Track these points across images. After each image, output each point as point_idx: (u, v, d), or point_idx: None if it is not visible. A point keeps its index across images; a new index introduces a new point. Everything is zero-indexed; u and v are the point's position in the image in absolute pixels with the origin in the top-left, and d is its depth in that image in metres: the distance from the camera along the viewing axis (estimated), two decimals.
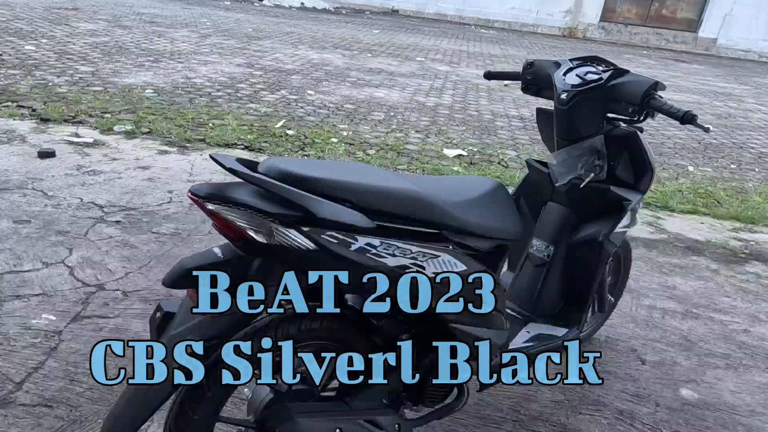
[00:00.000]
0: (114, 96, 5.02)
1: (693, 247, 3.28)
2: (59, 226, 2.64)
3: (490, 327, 1.37)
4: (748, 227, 3.74)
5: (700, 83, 9.92)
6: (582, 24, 15.42)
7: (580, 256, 1.69)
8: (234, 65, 6.95)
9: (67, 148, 3.71)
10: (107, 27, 8.71)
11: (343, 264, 1.05)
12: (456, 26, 15.66)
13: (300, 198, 0.97)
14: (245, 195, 0.98)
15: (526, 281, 1.80)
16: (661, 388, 2.00)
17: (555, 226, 1.74)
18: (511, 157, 4.64)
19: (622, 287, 2.18)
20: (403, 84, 7.03)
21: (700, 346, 2.28)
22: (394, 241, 1.09)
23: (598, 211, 1.68)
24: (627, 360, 2.13)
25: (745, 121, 7.09)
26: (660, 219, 3.69)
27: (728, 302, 2.67)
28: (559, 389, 1.93)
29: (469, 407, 1.78)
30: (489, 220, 1.31)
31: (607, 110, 1.55)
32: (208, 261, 1.01)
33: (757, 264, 3.15)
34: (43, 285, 2.17)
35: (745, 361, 2.22)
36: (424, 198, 1.14)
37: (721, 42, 14.89)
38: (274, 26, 11.17)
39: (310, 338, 1.18)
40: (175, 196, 3.15)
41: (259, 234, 0.98)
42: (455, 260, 1.19)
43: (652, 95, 1.42)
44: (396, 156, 4.31)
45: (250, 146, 4.16)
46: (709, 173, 4.82)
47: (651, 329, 2.36)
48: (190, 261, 1.00)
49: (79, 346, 1.84)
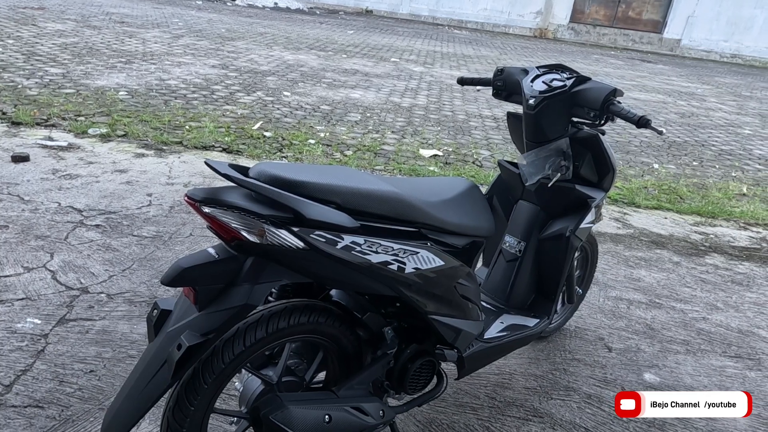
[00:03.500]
0: (87, 98, 4.97)
1: (657, 241, 3.46)
2: (38, 231, 2.64)
3: (466, 318, 1.46)
4: (708, 221, 3.94)
5: (664, 83, 10.28)
6: (552, 25, 15.75)
7: (549, 250, 1.80)
8: (208, 66, 6.92)
9: (41, 152, 3.68)
10: (76, 27, 8.56)
11: (330, 261, 1.13)
12: (429, 27, 15.81)
13: (289, 200, 1.05)
14: (238, 198, 1.05)
15: (499, 275, 1.91)
16: (626, 373, 2.13)
17: (526, 223, 1.85)
18: (485, 157, 4.77)
19: (589, 280, 2.31)
20: (378, 85, 7.12)
21: (663, 334, 2.43)
22: (377, 239, 1.17)
23: (565, 208, 1.79)
24: (595, 348, 2.26)
25: (707, 120, 7.40)
26: (626, 215, 3.86)
27: (689, 292, 2.84)
28: (533, 377, 2.04)
29: (447, 395, 1.88)
30: (464, 219, 1.40)
31: (571, 115, 1.66)
32: (204, 260, 1.08)
33: (716, 256, 3.34)
34: (26, 289, 2.18)
35: (703, 346, 2.37)
36: (404, 199, 1.23)
37: (685, 43, 15.41)
38: (247, 27, 11.11)
39: (299, 332, 1.25)
40: (154, 199, 3.17)
41: (252, 234, 1.05)
42: (433, 256, 1.28)
43: (611, 101, 1.54)
44: (373, 157, 4.39)
45: (228, 148, 4.19)
46: (672, 170, 5.04)
47: (617, 319, 2.50)
48: (186, 261, 1.07)
49: (66, 348, 1.87)
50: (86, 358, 1.84)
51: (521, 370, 2.06)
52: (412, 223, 1.26)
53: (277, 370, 1.30)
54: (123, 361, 1.85)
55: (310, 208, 1.06)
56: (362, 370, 1.37)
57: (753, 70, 14.44)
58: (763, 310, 2.74)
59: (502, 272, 1.90)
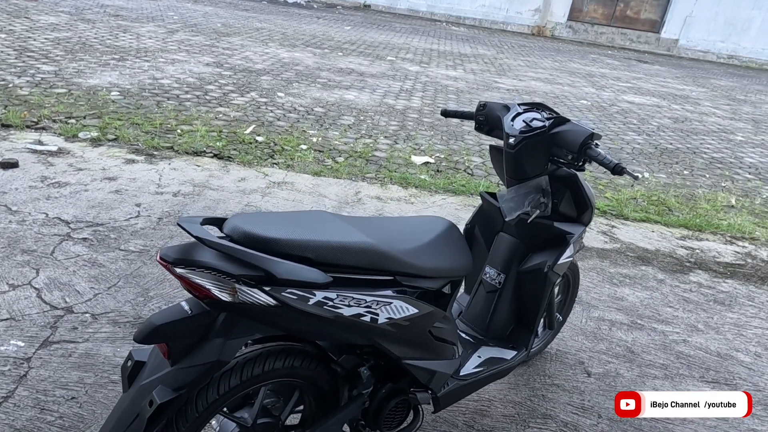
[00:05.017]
0: (78, 99, 4.95)
1: (643, 256, 3.49)
2: (25, 245, 2.65)
3: (441, 359, 1.49)
4: (695, 234, 3.98)
5: (660, 85, 10.29)
6: (550, 23, 15.70)
7: (528, 283, 1.83)
8: (202, 64, 6.89)
9: (30, 158, 3.67)
10: (69, 20, 8.48)
11: (303, 315, 1.15)
12: (427, 23, 15.74)
13: (260, 261, 1.06)
14: (210, 257, 1.06)
15: (479, 305, 1.93)
16: (604, 399, 2.17)
17: (505, 256, 1.87)
18: (476, 164, 4.78)
19: (570, 305, 2.33)
20: (373, 85, 7.10)
21: (642, 357, 2.46)
22: (350, 291, 1.19)
23: (544, 242, 1.81)
24: (574, 373, 2.29)
25: (700, 125, 7.42)
26: (614, 228, 3.89)
27: (671, 312, 2.87)
28: (511, 403, 2.07)
29: (426, 424, 1.90)
30: (441, 262, 1.42)
31: (551, 154, 1.67)
32: (177, 317, 1.09)
33: (700, 273, 3.38)
34: (11, 309, 2.19)
35: (682, 371, 2.41)
36: (378, 250, 1.24)
37: (682, 43, 15.40)
38: (243, 21, 11.04)
39: (274, 377, 1.27)
40: (143, 210, 3.17)
41: (224, 293, 1.07)
42: (407, 305, 1.29)
43: (589, 145, 1.56)
44: (365, 164, 4.40)
45: (219, 154, 4.19)
46: (662, 180, 5.06)
47: (598, 341, 2.54)
48: (159, 317, 1.08)
49: (49, 373, 1.89)
50: (68, 384, 1.85)
51: (500, 396, 2.09)
52: (387, 272, 1.28)
53: (252, 412, 1.32)
54: (105, 387, 1.86)
55: (282, 267, 1.08)
56: (337, 410, 1.39)
57: (749, 71, 14.47)
58: (742, 332, 2.78)
59: (482, 303, 1.92)
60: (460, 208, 3.84)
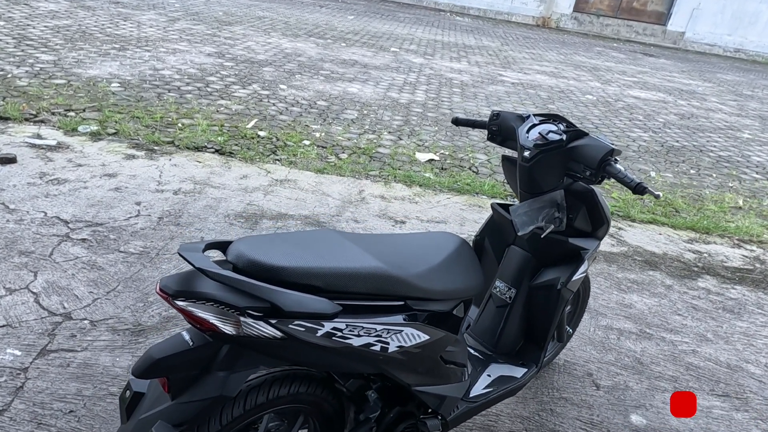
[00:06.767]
0: (78, 90, 4.86)
1: (650, 260, 3.43)
2: (23, 246, 2.59)
3: (451, 382, 1.44)
4: (703, 237, 3.92)
5: (666, 80, 10.16)
6: (555, 14, 15.50)
7: (539, 299, 1.77)
8: (204, 54, 6.78)
9: (29, 153, 3.60)
10: (69, 7, 8.35)
11: (310, 348, 1.09)
12: (431, 12, 15.53)
13: (267, 293, 1.00)
14: (213, 288, 1.00)
15: (488, 320, 1.88)
16: (613, 414, 2.12)
17: (517, 270, 1.81)
18: (481, 162, 4.71)
19: (580, 316, 2.28)
20: (377, 78, 7.00)
21: (651, 369, 2.42)
22: (360, 320, 1.13)
23: (558, 257, 1.75)
24: (583, 385, 2.25)
25: (707, 122, 7.33)
26: (621, 230, 3.83)
27: (679, 321, 2.82)
28: (519, 418, 2.03)
29: None
30: (453, 283, 1.36)
31: (567, 168, 1.61)
32: (177, 349, 1.04)
33: (708, 278, 3.32)
34: (8, 315, 2.14)
35: (691, 383, 2.37)
36: (390, 275, 1.19)
37: (689, 35, 15.21)
38: (245, 9, 10.88)
39: (279, 404, 1.22)
40: (143, 209, 3.11)
41: (228, 326, 1.01)
42: (418, 332, 1.24)
43: (608, 161, 1.49)
44: (368, 161, 4.33)
45: (221, 149, 4.12)
46: (669, 179, 5.00)
47: (607, 351, 2.49)
48: (159, 350, 1.03)
49: (46, 384, 1.84)
50: (66, 396, 1.81)
51: (508, 411, 2.05)
52: (397, 297, 1.22)
53: None
54: (104, 400, 1.82)
55: (289, 298, 1.02)
56: None
57: (756, 66, 14.30)
58: (752, 341, 2.74)
59: (491, 317, 1.87)
60: (465, 208, 3.78)
